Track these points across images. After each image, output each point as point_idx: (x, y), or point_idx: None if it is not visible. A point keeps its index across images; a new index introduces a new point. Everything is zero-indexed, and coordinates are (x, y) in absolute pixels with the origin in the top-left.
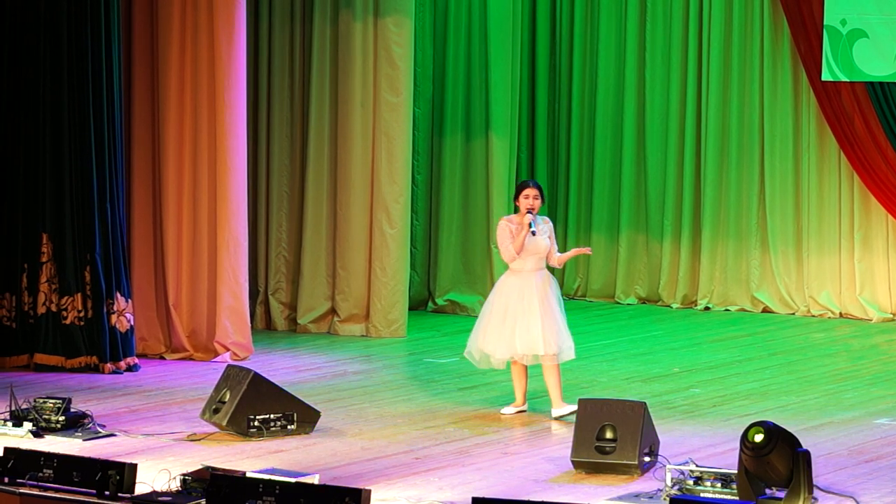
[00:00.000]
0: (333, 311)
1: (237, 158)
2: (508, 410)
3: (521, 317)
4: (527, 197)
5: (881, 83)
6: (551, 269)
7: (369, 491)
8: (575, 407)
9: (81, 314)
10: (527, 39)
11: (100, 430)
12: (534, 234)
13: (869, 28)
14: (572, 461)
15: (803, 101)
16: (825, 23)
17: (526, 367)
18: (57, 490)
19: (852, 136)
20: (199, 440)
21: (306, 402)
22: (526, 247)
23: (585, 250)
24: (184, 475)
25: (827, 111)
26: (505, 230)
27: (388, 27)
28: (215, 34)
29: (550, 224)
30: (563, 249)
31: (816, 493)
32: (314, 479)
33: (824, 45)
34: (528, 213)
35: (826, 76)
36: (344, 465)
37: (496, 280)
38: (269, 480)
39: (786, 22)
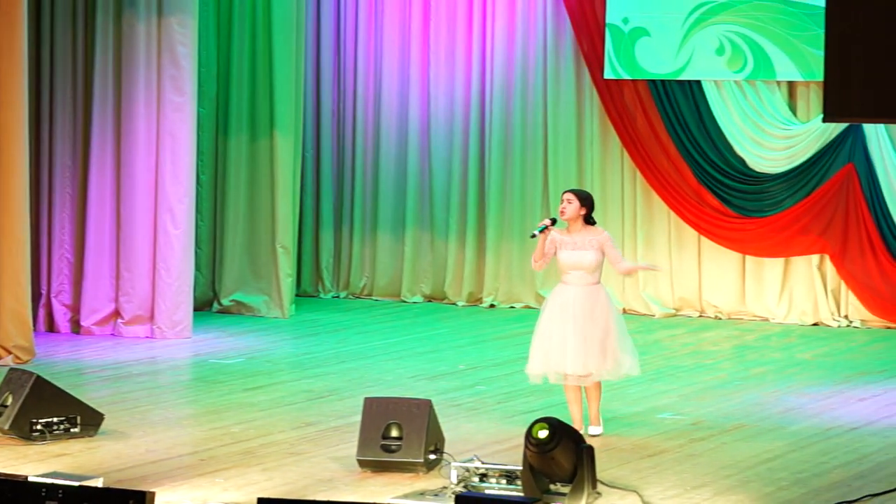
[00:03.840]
0: (117, 312)
1: (18, 159)
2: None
3: (558, 334)
4: (561, 202)
5: (663, 81)
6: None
7: (154, 493)
8: (599, 430)
9: None
10: (311, 37)
11: None
12: (532, 236)
13: (651, 26)
14: (358, 460)
15: (586, 100)
16: (607, 21)
17: (578, 388)
18: None
19: (635, 134)
20: None
21: (90, 404)
22: (566, 260)
23: (656, 268)
24: None
25: (610, 109)
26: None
27: (172, 27)
28: None
29: (604, 236)
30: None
31: (600, 487)
32: (98, 483)
33: (607, 43)
34: (553, 220)
35: (609, 74)
36: (128, 468)
37: (282, 281)
38: (52, 484)
39: (568, 20)
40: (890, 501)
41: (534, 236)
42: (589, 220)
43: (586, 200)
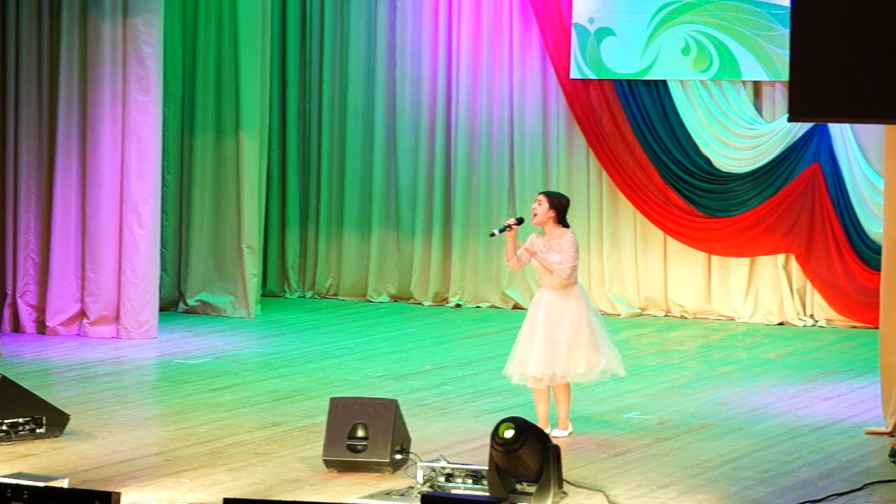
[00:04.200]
0: (83, 312)
1: None
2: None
3: (526, 336)
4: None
5: (629, 81)
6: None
7: (119, 494)
8: (565, 433)
9: None
10: (277, 38)
11: None
12: (491, 234)
13: (616, 26)
14: (324, 460)
15: (552, 99)
16: (573, 21)
17: (546, 390)
18: None
19: (601, 133)
20: None
21: (56, 405)
22: (534, 264)
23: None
24: None
25: (576, 109)
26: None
27: (137, 27)
28: None
29: (565, 238)
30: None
31: (566, 487)
32: (63, 483)
33: (573, 43)
34: (520, 220)
35: (574, 74)
36: (94, 469)
37: (248, 281)
38: (18, 485)
39: (535, 20)
40: (856, 501)
41: (493, 234)
42: (562, 223)
43: (556, 203)
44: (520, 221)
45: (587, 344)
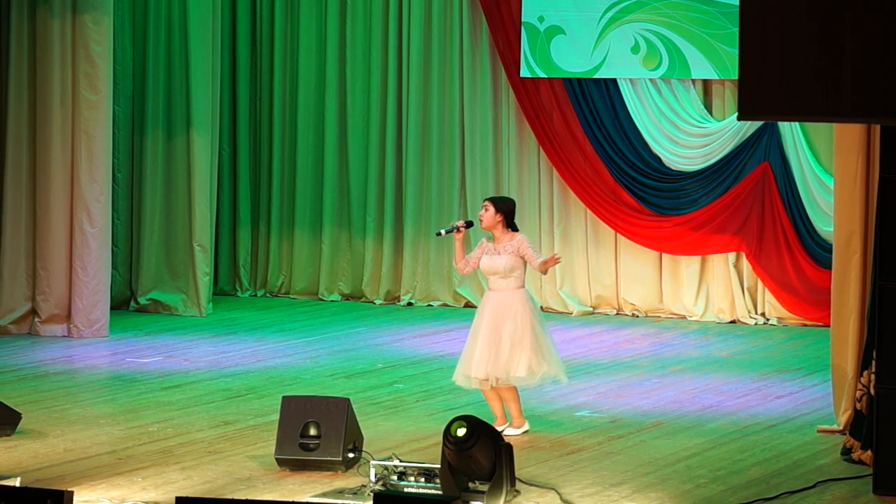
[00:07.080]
0: (34, 311)
1: None
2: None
3: (472, 338)
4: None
5: (579, 79)
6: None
7: (72, 492)
8: (518, 431)
9: None
10: (227, 35)
11: None
12: (437, 234)
13: (566, 25)
14: (276, 459)
15: (502, 98)
16: (523, 20)
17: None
18: None
19: (551, 131)
20: None
21: (7, 404)
22: (482, 265)
23: (556, 258)
24: None
25: (526, 107)
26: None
27: (86, 24)
28: None
29: (518, 239)
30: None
31: (519, 485)
32: (16, 482)
33: (522, 41)
34: (468, 223)
35: (525, 73)
36: (46, 467)
37: (199, 279)
38: None
39: (484, 19)
40: (808, 498)
41: (439, 234)
42: (511, 226)
43: (502, 207)
44: (469, 225)
45: (530, 349)
